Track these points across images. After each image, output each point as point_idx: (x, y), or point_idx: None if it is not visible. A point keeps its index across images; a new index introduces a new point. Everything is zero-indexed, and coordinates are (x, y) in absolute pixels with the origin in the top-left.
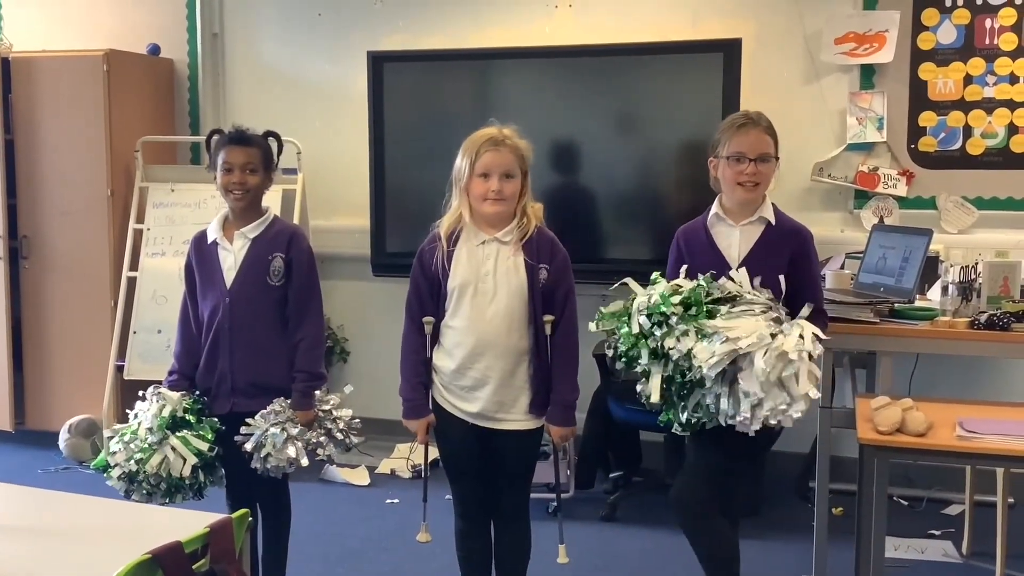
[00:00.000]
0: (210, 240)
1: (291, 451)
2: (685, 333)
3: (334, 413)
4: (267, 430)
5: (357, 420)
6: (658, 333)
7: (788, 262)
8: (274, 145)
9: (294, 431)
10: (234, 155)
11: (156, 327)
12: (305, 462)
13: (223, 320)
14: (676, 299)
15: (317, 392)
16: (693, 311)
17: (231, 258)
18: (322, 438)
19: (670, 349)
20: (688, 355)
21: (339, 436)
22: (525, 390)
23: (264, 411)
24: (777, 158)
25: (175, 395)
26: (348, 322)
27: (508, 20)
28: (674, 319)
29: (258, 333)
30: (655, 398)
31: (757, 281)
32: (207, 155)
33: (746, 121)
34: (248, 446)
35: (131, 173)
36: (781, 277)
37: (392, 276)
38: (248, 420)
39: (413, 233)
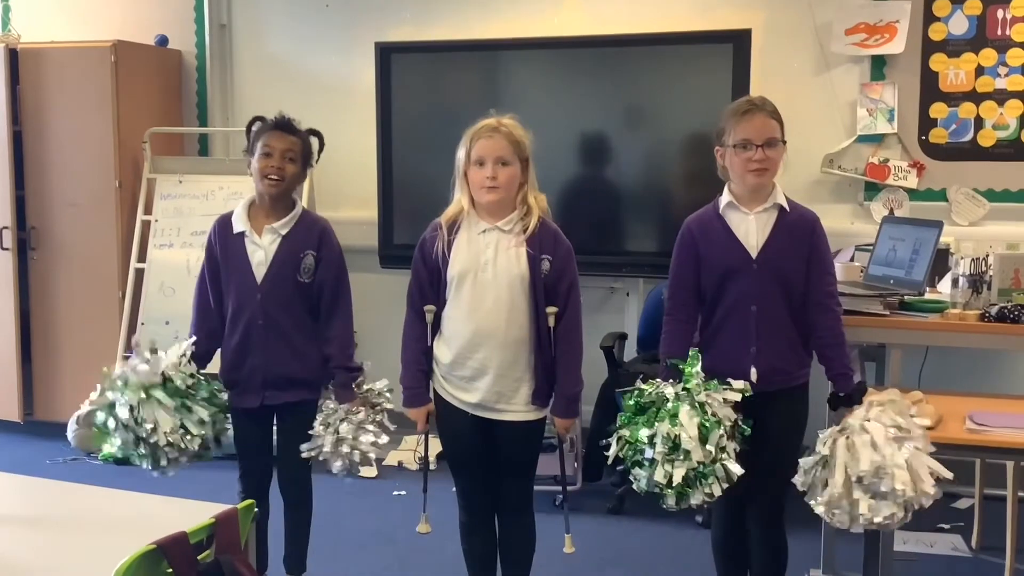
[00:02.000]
0: (236, 230)
1: (369, 436)
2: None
3: (376, 388)
4: (337, 429)
5: (390, 388)
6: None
7: (808, 247)
8: (315, 143)
9: (358, 418)
10: (276, 140)
11: (164, 319)
12: (384, 439)
13: (255, 316)
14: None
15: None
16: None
17: (261, 253)
18: (380, 415)
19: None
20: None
21: (389, 407)
22: (526, 381)
23: (320, 417)
24: (784, 141)
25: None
26: (355, 313)
27: (516, 11)
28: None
29: (289, 328)
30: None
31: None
32: (246, 141)
33: (750, 107)
34: (326, 449)
35: (139, 164)
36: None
37: (400, 268)
38: (310, 432)
39: (421, 225)
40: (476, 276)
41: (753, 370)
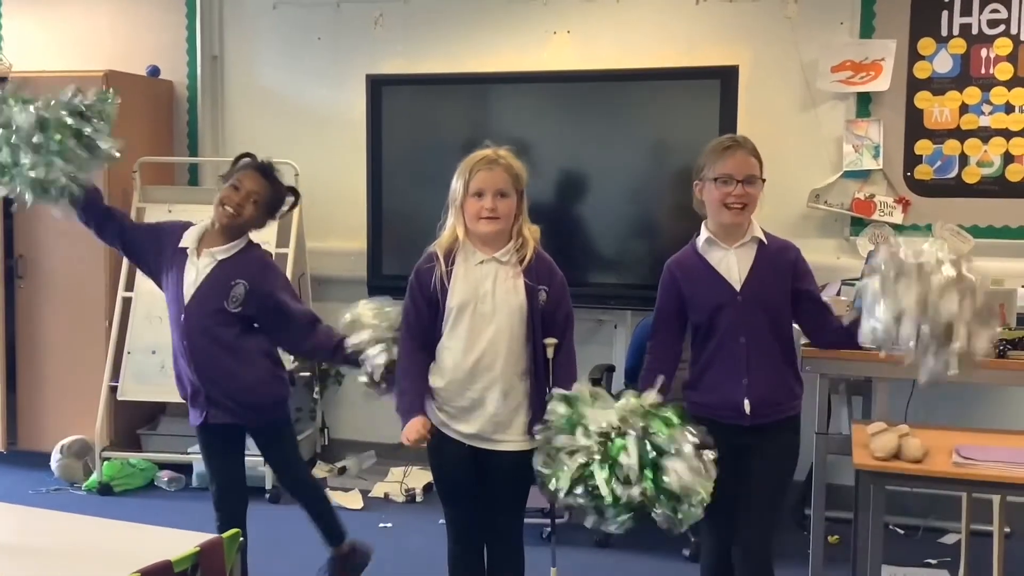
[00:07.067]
0: (182, 244)
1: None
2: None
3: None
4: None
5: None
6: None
7: (791, 279)
8: (288, 201)
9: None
10: (248, 180)
11: (150, 348)
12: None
13: (181, 336)
14: None
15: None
16: None
17: (194, 274)
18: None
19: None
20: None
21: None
22: (522, 411)
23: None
24: (763, 180)
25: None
26: None
27: (506, 46)
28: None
29: (215, 354)
30: None
31: None
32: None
33: (732, 143)
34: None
35: (129, 193)
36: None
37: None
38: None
39: (410, 256)
40: (475, 308)
41: (746, 402)
